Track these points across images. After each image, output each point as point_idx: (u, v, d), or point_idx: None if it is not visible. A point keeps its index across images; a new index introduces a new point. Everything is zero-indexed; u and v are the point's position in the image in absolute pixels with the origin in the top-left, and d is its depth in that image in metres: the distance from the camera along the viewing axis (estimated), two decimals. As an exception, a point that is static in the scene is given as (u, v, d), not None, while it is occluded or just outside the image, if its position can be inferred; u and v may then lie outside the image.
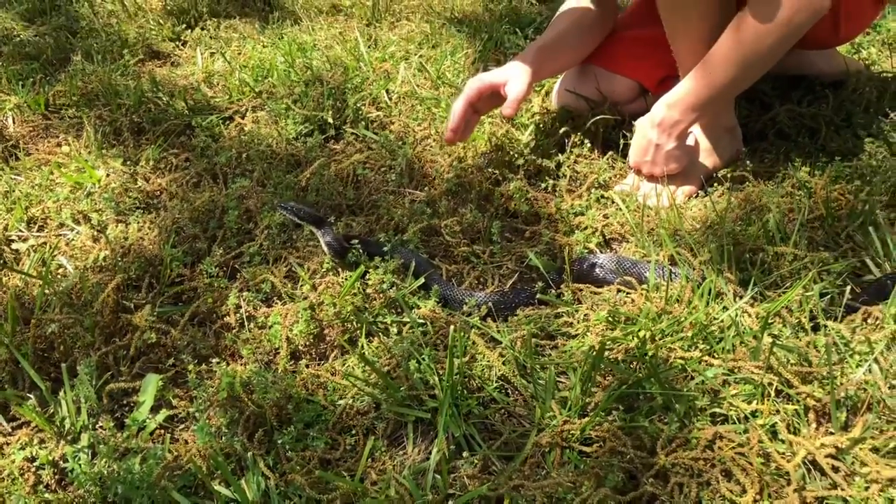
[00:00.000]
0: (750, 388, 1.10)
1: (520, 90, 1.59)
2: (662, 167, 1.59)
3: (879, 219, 1.41)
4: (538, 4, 2.73)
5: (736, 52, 1.45)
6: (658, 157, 1.59)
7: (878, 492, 0.95)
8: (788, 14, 1.38)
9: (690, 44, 1.56)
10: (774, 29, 1.40)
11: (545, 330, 1.27)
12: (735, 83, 1.52)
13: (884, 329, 1.17)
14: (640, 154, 1.62)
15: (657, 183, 1.61)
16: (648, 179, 1.64)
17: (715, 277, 1.25)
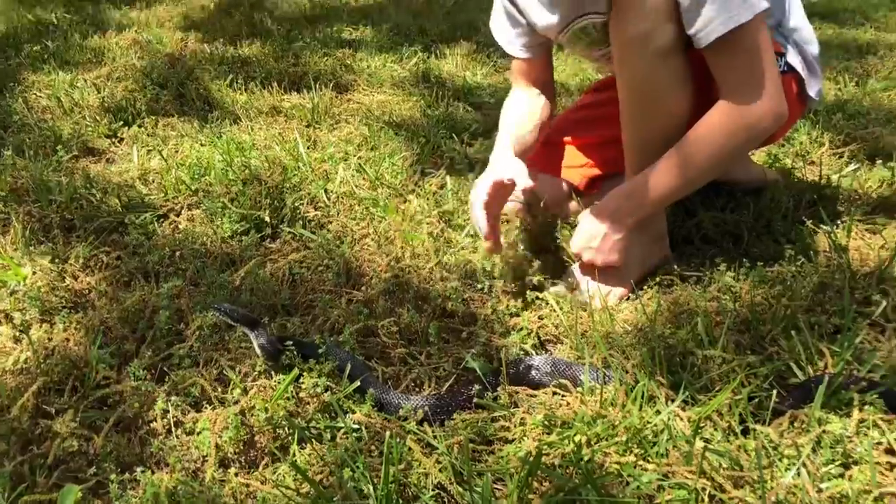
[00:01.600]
0: (684, 493, 1.10)
1: (526, 181, 1.70)
2: (605, 257, 1.63)
3: (801, 323, 1.46)
4: (473, 111, 2.82)
5: (707, 152, 1.53)
6: (604, 245, 1.62)
7: None
8: (758, 115, 1.47)
9: (649, 142, 1.62)
10: (743, 131, 1.49)
11: (482, 434, 1.26)
12: (695, 183, 1.60)
13: (809, 432, 1.20)
14: (585, 240, 1.64)
15: (591, 276, 1.65)
16: (584, 270, 1.67)
17: (647, 381, 1.27)
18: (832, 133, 2.52)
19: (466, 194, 2.11)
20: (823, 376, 1.27)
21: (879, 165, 2.21)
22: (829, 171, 2.24)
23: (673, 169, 1.56)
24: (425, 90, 2.94)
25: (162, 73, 2.87)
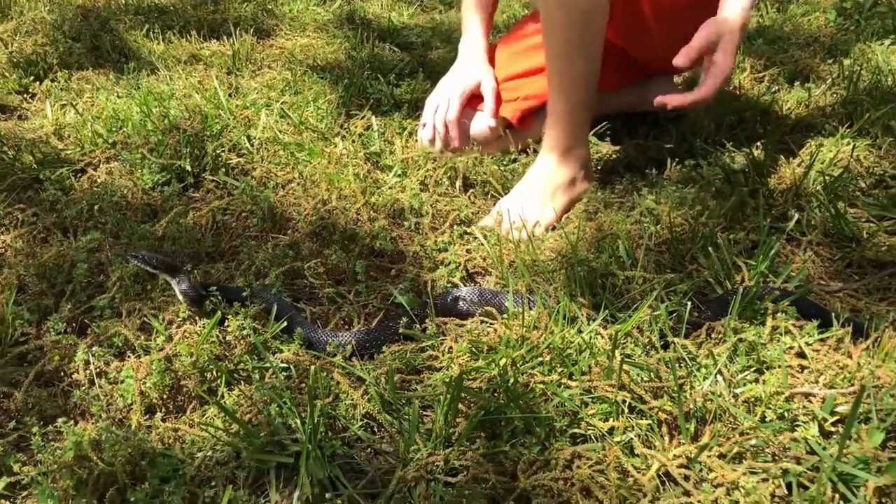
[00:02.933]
0: (606, 406, 1.13)
1: (494, 86, 1.94)
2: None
3: (719, 240, 1.50)
4: (399, 52, 2.78)
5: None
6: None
7: (725, 494, 0.99)
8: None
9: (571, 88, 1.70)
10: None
11: (411, 365, 1.27)
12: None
13: (725, 342, 1.24)
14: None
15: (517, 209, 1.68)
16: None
17: (568, 303, 1.29)
18: (754, 58, 2.56)
19: (393, 135, 2.09)
20: (738, 289, 1.31)
21: (797, 87, 2.26)
22: (749, 94, 2.28)
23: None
24: (350, 32, 2.88)
25: (74, 25, 2.75)
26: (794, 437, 1.09)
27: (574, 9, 1.58)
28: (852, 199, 1.74)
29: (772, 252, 1.42)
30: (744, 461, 1.04)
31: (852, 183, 1.79)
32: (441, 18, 3.25)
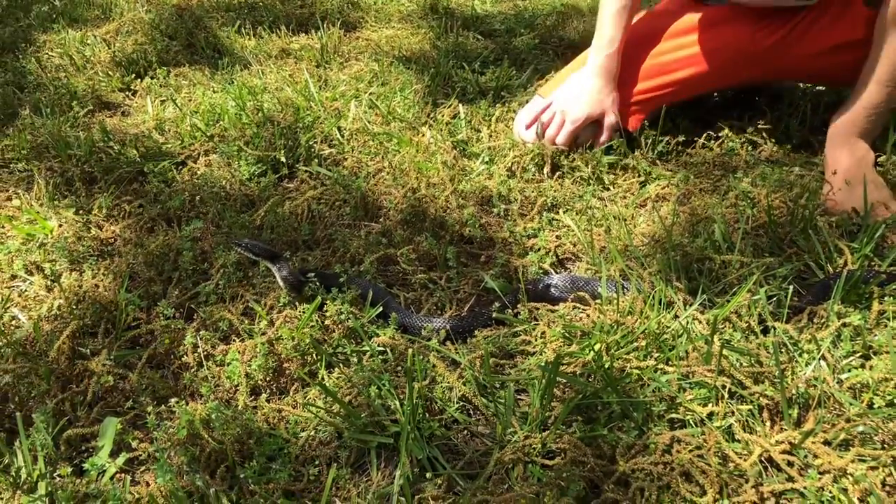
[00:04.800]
0: (704, 391, 1.12)
1: (614, 123, 1.87)
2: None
3: (819, 223, 1.46)
4: (484, 39, 2.79)
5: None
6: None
7: (832, 482, 0.97)
8: None
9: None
10: None
11: (504, 349, 1.28)
12: None
13: (829, 327, 1.20)
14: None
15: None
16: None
17: (664, 288, 1.28)
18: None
19: (479, 122, 2.10)
20: (842, 272, 1.27)
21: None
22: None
23: None
24: (434, 22, 2.90)
25: (170, 24, 2.86)
26: (907, 424, 1.05)
27: None
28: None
29: (877, 234, 1.37)
30: (851, 448, 1.01)
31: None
32: (524, 4, 3.24)
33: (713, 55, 1.85)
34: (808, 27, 1.77)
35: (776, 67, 1.85)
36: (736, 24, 1.83)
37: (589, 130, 1.88)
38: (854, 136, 1.69)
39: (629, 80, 1.90)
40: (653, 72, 1.89)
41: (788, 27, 1.79)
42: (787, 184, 1.60)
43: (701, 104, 2.04)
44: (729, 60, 1.85)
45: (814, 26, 1.76)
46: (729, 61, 1.85)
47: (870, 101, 1.64)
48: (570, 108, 1.84)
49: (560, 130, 1.86)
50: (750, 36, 1.82)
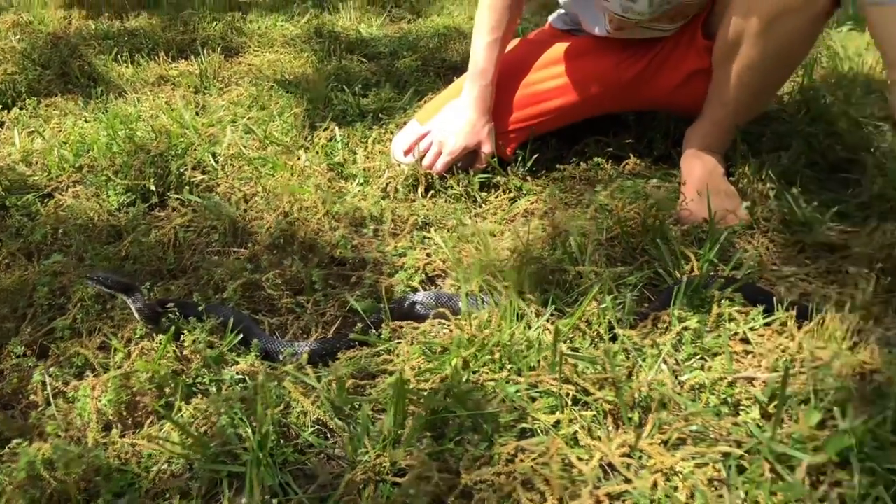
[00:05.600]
0: (552, 400, 1.15)
1: (491, 153, 1.91)
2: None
3: (669, 232, 1.53)
4: (368, 62, 2.81)
5: None
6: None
7: (664, 481, 1.01)
8: None
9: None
10: None
11: (365, 370, 1.29)
12: None
13: (671, 331, 1.26)
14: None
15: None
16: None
17: (515, 300, 1.31)
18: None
19: (356, 144, 2.12)
20: (683, 279, 1.34)
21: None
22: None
23: None
24: (317, 46, 2.91)
25: (44, 52, 2.78)
26: (737, 421, 1.11)
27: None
28: (807, 184, 1.76)
29: (720, 240, 1.44)
30: (684, 447, 1.06)
31: (809, 168, 1.82)
32: (409, 28, 3.29)
33: (581, 86, 1.91)
34: (666, 58, 1.86)
35: (641, 98, 1.94)
36: (600, 55, 1.91)
37: (466, 158, 1.91)
38: (705, 149, 1.78)
39: (504, 109, 1.94)
40: (525, 102, 1.94)
41: (648, 58, 1.87)
42: (642, 195, 1.67)
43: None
44: (596, 91, 1.92)
45: (670, 57, 1.85)
46: (596, 92, 1.92)
47: (716, 118, 1.74)
48: (447, 140, 1.87)
49: (437, 160, 1.88)
50: (613, 67, 1.90)
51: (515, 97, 1.93)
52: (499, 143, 1.92)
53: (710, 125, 1.76)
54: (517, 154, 1.94)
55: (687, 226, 1.61)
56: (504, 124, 1.93)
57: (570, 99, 1.91)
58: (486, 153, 1.89)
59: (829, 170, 1.84)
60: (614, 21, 1.77)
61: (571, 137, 2.07)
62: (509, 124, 1.93)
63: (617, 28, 1.79)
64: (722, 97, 1.70)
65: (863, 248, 1.49)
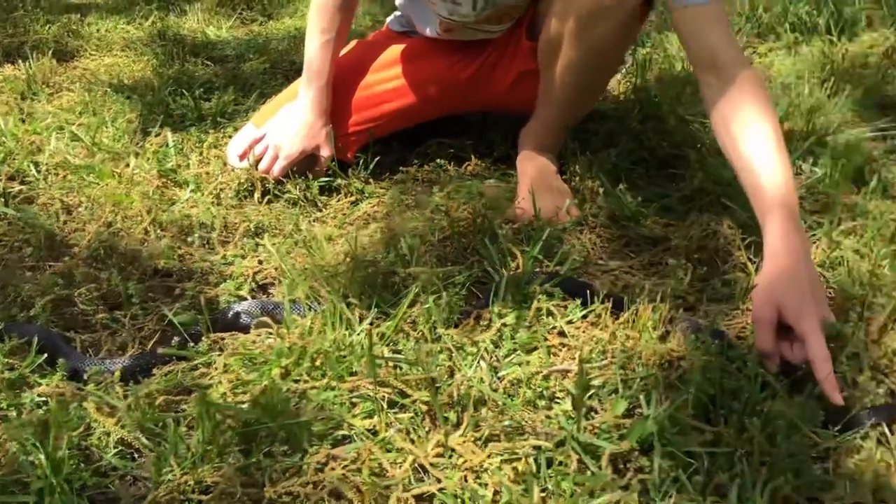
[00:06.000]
0: (369, 404, 1.13)
1: (330, 155, 1.87)
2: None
3: (498, 231, 1.54)
4: (213, 65, 2.72)
5: None
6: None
7: (474, 478, 1.01)
8: None
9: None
10: None
11: (180, 385, 1.23)
12: None
13: (491, 328, 1.27)
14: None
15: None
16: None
17: (339, 305, 1.29)
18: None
19: (190, 149, 2.04)
20: (504, 275, 1.35)
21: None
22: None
23: None
24: (160, 49, 2.80)
25: None
26: (550, 414, 1.12)
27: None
28: (636, 180, 1.83)
29: (543, 237, 1.47)
30: (497, 443, 1.06)
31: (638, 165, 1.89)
32: (259, 30, 3.21)
33: (418, 87, 1.91)
34: (497, 60, 1.88)
35: (478, 99, 1.96)
36: (434, 57, 1.91)
37: (304, 163, 1.87)
38: (538, 149, 1.81)
39: (342, 112, 1.91)
40: (364, 104, 1.92)
41: (480, 60, 1.89)
42: (476, 196, 1.68)
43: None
44: (433, 92, 1.92)
45: (501, 59, 1.88)
46: (433, 93, 1.92)
47: (545, 118, 1.78)
48: (284, 144, 1.82)
49: (273, 164, 1.83)
50: (448, 69, 1.90)
51: (353, 99, 1.90)
52: (338, 146, 1.89)
53: (541, 125, 1.80)
54: (358, 157, 1.92)
55: (518, 224, 1.63)
56: (343, 127, 1.90)
57: (408, 101, 1.90)
58: (325, 157, 1.86)
59: (657, 166, 1.91)
60: (443, 23, 1.78)
61: (414, 139, 2.06)
62: (349, 127, 1.91)
63: (446, 30, 1.81)
64: (549, 97, 1.74)
65: (681, 240, 1.56)
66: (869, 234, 1.47)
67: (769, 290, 1.19)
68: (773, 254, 1.23)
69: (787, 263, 1.20)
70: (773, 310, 1.17)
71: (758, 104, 1.35)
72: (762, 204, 1.28)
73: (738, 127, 1.35)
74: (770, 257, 1.23)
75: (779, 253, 1.22)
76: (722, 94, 1.38)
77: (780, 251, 1.22)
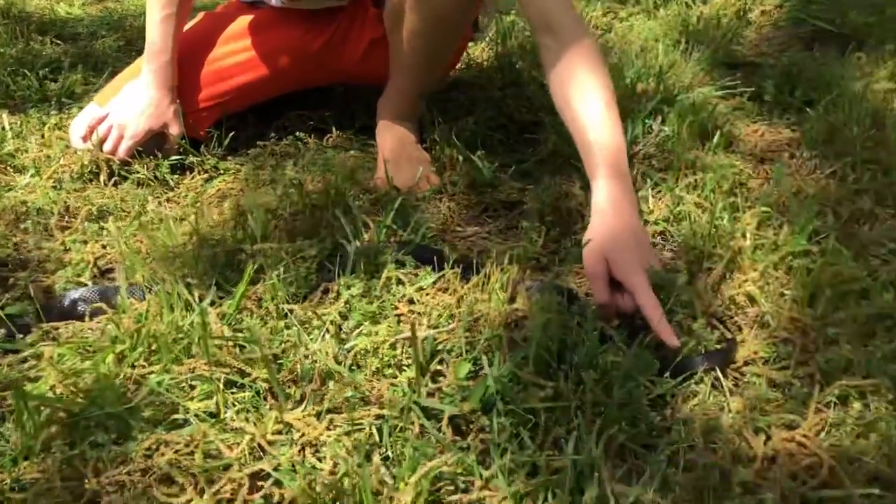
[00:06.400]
0: (207, 386, 1.09)
1: (179, 133, 1.79)
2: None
3: (351, 202, 1.51)
4: (63, 44, 2.57)
5: None
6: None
7: (313, 453, 0.99)
8: None
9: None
10: None
11: (7, 379, 1.16)
12: None
13: (339, 301, 1.24)
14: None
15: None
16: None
17: (177, 286, 1.23)
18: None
19: (31, 132, 1.92)
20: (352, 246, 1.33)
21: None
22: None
23: None
24: (1, 28, 2.61)
25: None
26: (395, 382, 1.11)
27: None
28: (495, 146, 1.83)
29: (395, 206, 1.45)
30: (340, 415, 1.04)
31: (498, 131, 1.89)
32: (115, 7, 3.05)
33: (269, 59, 1.85)
34: (348, 29, 1.84)
35: (333, 70, 1.91)
36: (283, 27, 1.85)
37: (152, 141, 1.78)
38: (396, 118, 1.79)
39: (191, 87, 1.83)
40: (212, 78, 1.84)
41: (332, 29, 1.85)
42: (333, 168, 1.65)
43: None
44: (285, 64, 1.86)
45: (352, 28, 1.85)
46: (285, 65, 1.86)
47: (399, 87, 1.76)
48: (129, 123, 1.73)
49: (119, 144, 1.74)
50: (299, 39, 1.85)
51: (202, 74, 1.83)
52: (189, 123, 1.82)
53: (396, 94, 1.78)
54: (211, 133, 1.84)
55: (375, 195, 1.60)
56: (192, 103, 1.82)
57: (259, 73, 1.84)
58: (174, 134, 1.78)
59: (517, 132, 1.92)
60: None
61: (272, 113, 2.00)
62: (198, 103, 1.83)
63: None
64: (398, 64, 1.71)
65: (535, 203, 1.57)
66: (708, 187, 1.51)
67: (597, 246, 1.23)
68: (600, 211, 1.27)
69: (612, 220, 1.24)
70: (602, 264, 1.20)
71: (591, 68, 1.38)
72: (591, 163, 1.33)
73: (572, 89, 1.37)
74: (597, 214, 1.27)
75: (605, 210, 1.26)
76: (558, 58, 1.39)
77: (607, 208, 1.26)
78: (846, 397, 1.11)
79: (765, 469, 1.02)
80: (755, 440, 1.05)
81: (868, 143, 1.70)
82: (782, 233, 1.39)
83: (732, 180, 1.56)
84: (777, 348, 1.19)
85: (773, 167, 1.66)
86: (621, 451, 1.03)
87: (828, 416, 1.08)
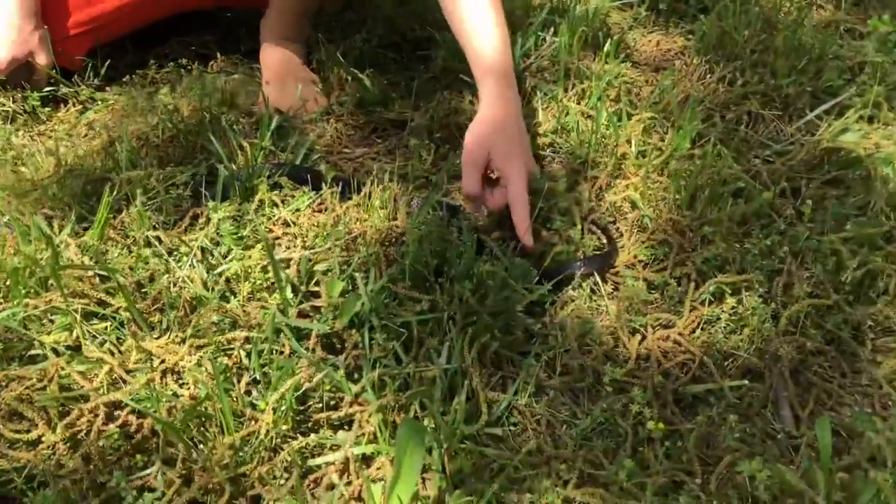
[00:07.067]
0: (65, 319, 1.04)
1: (51, 63, 1.65)
2: None
3: (227, 127, 1.44)
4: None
5: None
6: None
7: (175, 380, 0.95)
8: None
9: None
10: None
11: None
12: None
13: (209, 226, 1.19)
14: None
15: None
16: None
17: (34, 218, 1.16)
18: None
19: None
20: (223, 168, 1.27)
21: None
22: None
23: None
24: None
25: None
26: (266, 305, 1.07)
27: None
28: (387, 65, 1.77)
29: (272, 127, 1.39)
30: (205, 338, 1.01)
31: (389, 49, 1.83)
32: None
33: None
34: None
35: None
36: None
37: (19, 72, 1.66)
38: (281, 39, 1.71)
39: (58, 13, 1.69)
40: (81, 2, 1.71)
41: None
42: (211, 92, 1.57)
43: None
44: None
45: None
46: None
47: (282, 6, 1.68)
48: None
49: None
50: None
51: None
52: (59, 52, 1.70)
53: (278, 13, 1.69)
54: (86, 62, 1.73)
55: (256, 118, 1.53)
56: (62, 30, 1.70)
57: None
58: (42, 64, 1.66)
59: (410, 50, 1.86)
60: None
61: (152, 39, 1.89)
62: (67, 29, 1.71)
63: None
64: None
65: (423, 120, 1.52)
66: (595, 95, 1.49)
67: (481, 134, 1.22)
68: (487, 106, 1.27)
69: (498, 114, 1.24)
70: (483, 151, 1.19)
71: None
72: (478, 68, 1.31)
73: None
74: (484, 108, 1.27)
75: (492, 106, 1.26)
76: None
77: (494, 105, 1.26)
78: (721, 294, 1.12)
79: (638, 369, 1.02)
80: (631, 341, 1.05)
81: (758, 47, 1.69)
82: (667, 138, 1.38)
83: (620, 88, 1.54)
84: (655, 250, 1.19)
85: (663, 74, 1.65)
86: (497, 358, 1.02)
87: (702, 313, 1.09)
